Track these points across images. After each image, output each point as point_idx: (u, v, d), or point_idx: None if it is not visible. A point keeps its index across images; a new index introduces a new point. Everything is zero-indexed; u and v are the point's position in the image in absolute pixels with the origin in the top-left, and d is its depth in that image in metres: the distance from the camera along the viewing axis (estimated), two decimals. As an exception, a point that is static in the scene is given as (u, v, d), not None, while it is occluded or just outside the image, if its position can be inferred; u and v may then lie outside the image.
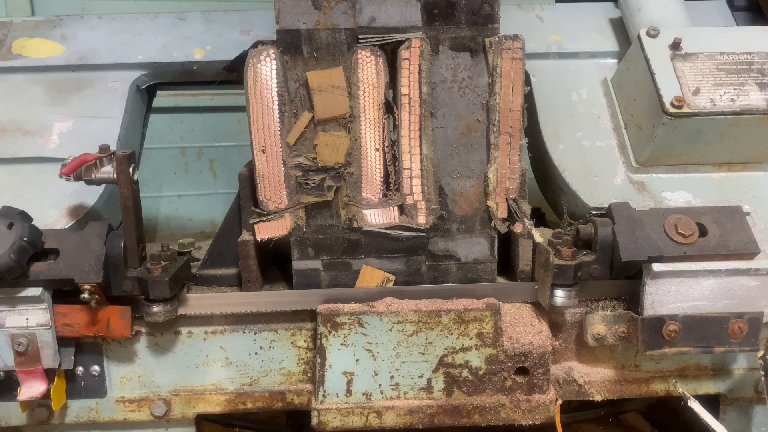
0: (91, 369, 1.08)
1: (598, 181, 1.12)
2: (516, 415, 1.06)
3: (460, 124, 1.06)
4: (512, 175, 1.06)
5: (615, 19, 1.31)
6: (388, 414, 1.06)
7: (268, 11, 1.06)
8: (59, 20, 1.29)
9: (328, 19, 1.02)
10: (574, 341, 1.10)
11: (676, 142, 1.09)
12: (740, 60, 1.11)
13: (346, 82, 1.03)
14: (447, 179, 1.07)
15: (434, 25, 1.03)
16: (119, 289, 0.99)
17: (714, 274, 0.99)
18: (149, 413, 1.11)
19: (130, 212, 0.97)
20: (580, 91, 1.22)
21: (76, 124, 1.15)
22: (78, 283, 0.96)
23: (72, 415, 1.11)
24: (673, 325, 0.99)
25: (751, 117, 1.06)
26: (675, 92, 1.06)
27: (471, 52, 1.04)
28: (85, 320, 1.00)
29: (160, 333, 1.08)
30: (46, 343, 0.99)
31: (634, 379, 1.13)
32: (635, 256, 0.98)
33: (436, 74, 1.04)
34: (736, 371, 1.14)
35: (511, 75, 1.04)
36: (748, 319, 1.00)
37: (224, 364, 1.10)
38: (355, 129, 1.04)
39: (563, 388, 1.11)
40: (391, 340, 1.03)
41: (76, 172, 0.98)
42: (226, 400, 1.12)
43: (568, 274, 0.99)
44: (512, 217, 1.07)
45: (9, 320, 0.98)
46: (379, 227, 1.06)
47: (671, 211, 1.03)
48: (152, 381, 1.10)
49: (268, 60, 1.02)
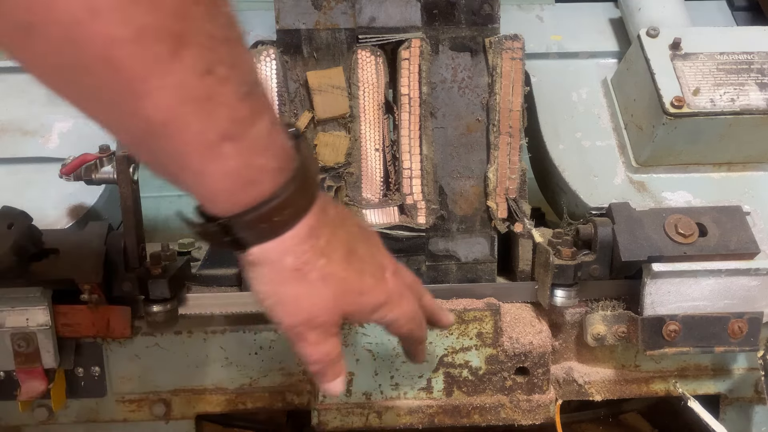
0: (91, 369, 1.08)
1: (598, 181, 1.12)
2: (516, 415, 1.07)
3: (460, 124, 1.06)
4: (512, 175, 1.06)
5: (615, 19, 1.31)
6: (388, 414, 1.06)
7: (268, 11, 1.06)
8: (59, 20, 1.29)
9: (328, 19, 1.02)
10: (574, 341, 1.10)
11: (676, 142, 1.09)
12: (740, 60, 1.11)
13: (346, 82, 1.03)
14: (447, 179, 1.07)
15: (434, 25, 1.03)
16: (119, 289, 0.99)
17: (714, 274, 0.99)
18: (149, 413, 1.11)
19: (130, 212, 0.97)
20: (580, 91, 1.22)
21: (76, 124, 1.15)
22: (78, 283, 0.96)
23: (72, 415, 1.11)
24: (673, 325, 0.99)
25: (751, 117, 1.06)
26: (675, 92, 1.06)
27: (471, 52, 1.04)
28: (85, 320, 1.00)
29: (160, 333, 1.08)
30: (46, 343, 0.98)
31: (634, 379, 1.13)
32: (635, 256, 0.98)
33: (436, 74, 1.04)
34: (736, 371, 1.14)
35: (511, 75, 1.04)
36: (748, 319, 1.00)
37: (224, 364, 1.10)
38: (355, 129, 1.04)
39: (563, 388, 1.11)
40: (391, 340, 1.03)
41: (76, 172, 0.98)
42: (226, 400, 1.12)
43: (568, 274, 0.99)
44: (512, 217, 1.07)
45: (9, 320, 0.97)
46: (379, 227, 1.06)
47: (671, 211, 1.03)
48: (152, 381, 1.10)
49: (267, 60, 1.02)
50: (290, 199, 0.59)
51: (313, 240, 0.63)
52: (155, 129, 0.50)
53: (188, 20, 0.47)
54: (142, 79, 0.47)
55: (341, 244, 0.66)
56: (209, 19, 0.49)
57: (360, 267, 0.68)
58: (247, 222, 0.58)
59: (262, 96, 0.56)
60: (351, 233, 0.69)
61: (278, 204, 0.58)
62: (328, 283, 0.65)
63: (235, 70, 0.52)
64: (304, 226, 0.62)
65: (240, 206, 0.58)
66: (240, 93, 0.52)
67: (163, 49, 0.46)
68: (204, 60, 0.49)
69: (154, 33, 0.45)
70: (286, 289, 0.64)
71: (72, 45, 0.44)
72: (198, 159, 0.53)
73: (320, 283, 0.65)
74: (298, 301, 0.65)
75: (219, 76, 0.50)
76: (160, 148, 0.52)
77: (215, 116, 0.51)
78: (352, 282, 0.67)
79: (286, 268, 0.63)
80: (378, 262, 0.72)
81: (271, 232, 0.60)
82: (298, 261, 0.63)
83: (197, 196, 0.59)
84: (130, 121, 0.51)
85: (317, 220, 0.63)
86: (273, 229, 0.60)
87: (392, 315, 0.73)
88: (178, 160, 0.53)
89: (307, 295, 0.65)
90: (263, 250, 0.61)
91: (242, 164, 0.55)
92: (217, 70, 0.50)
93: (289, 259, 0.62)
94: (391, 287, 0.72)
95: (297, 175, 0.59)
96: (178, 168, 0.54)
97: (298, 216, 0.61)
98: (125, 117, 0.51)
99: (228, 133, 0.53)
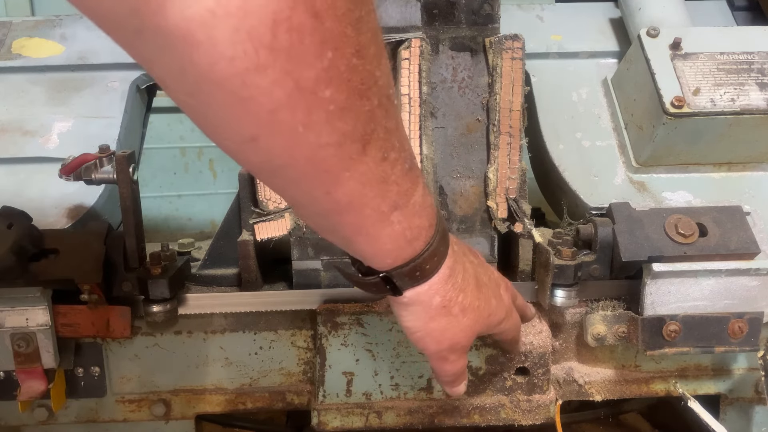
0: (91, 369, 1.08)
1: (598, 181, 1.12)
2: (516, 415, 1.06)
3: (460, 124, 1.06)
4: (512, 175, 1.06)
5: (615, 19, 1.30)
6: (388, 414, 1.06)
7: (268, 11, 1.06)
8: (59, 20, 1.29)
9: (328, 19, 1.02)
10: (574, 341, 1.10)
11: (676, 142, 1.09)
12: (740, 60, 1.11)
13: (346, 82, 1.03)
14: (447, 179, 1.07)
15: (434, 25, 1.03)
16: (119, 289, 0.99)
17: (714, 274, 0.99)
18: (149, 413, 1.11)
19: (130, 212, 0.97)
20: (580, 91, 1.22)
21: (76, 124, 1.15)
22: (78, 283, 0.96)
23: (72, 415, 1.11)
24: (673, 325, 0.99)
25: (751, 117, 1.06)
26: (675, 92, 1.06)
27: (471, 52, 1.04)
28: (85, 320, 1.00)
29: (160, 333, 1.08)
30: (46, 343, 0.98)
31: (634, 379, 1.12)
32: (635, 256, 0.98)
33: (436, 74, 1.04)
34: (736, 371, 1.14)
35: (511, 75, 1.04)
36: (748, 319, 1.00)
37: (224, 364, 1.10)
38: (355, 129, 1.04)
39: (563, 388, 1.11)
40: (391, 340, 1.03)
41: (76, 172, 0.98)
42: (226, 400, 1.12)
43: (568, 274, 0.99)
44: (512, 217, 1.06)
45: (9, 320, 0.97)
46: (379, 227, 1.06)
47: (671, 211, 1.03)
48: (152, 381, 1.10)
49: (268, 60, 1.02)
50: (436, 248, 0.71)
51: (453, 279, 0.75)
52: (341, 207, 0.61)
53: (375, 122, 0.57)
54: (337, 171, 0.57)
55: (471, 276, 0.78)
56: (387, 117, 0.59)
57: (486, 293, 0.81)
58: (405, 272, 0.70)
59: (417, 168, 0.68)
60: (473, 263, 0.81)
61: (429, 254, 0.70)
62: (467, 313, 0.78)
63: (401, 153, 0.63)
64: (446, 268, 0.74)
65: (400, 260, 0.70)
66: (404, 169, 0.63)
67: (356, 148, 0.57)
68: (382, 150, 0.59)
69: (352, 136, 0.56)
70: (435, 323, 0.76)
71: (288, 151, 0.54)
72: (372, 227, 0.64)
73: (461, 314, 0.77)
74: (444, 333, 0.77)
75: (391, 160, 0.61)
76: (341, 221, 0.63)
77: (388, 192, 0.62)
78: (484, 308, 0.80)
79: (435, 306, 0.75)
80: (495, 282, 0.86)
81: (423, 277, 0.72)
82: (444, 299, 0.75)
83: (365, 255, 0.70)
84: (321, 202, 0.61)
85: (453, 260, 0.75)
86: (424, 275, 0.72)
87: (507, 326, 0.88)
88: (356, 229, 0.64)
89: (451, 327, 0.77)
90: (416, 293, 0.73)
91: (406, 227, 0.67)
92: (390, 156, 0.61)
93: (437, 299, 0.74)
94: (507, 302, 0.87)
95: (438, 228, 0.71)
96: (353, 235, 0.66)
97: (441, 261, 0.73)
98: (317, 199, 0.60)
99: (397, 204, 0.64)
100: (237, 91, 0.49)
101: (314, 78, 0.50)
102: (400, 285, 0.72)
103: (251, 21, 0.46)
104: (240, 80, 0.48)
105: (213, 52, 0.47)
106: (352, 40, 0.51)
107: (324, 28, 0.49)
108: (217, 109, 0.51)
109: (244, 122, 0.51)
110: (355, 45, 0.52)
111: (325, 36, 0.49)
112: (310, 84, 0.50)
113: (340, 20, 0.50)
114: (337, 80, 0.52)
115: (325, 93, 0.52)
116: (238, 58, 0.47)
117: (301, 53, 0.49)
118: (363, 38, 0.53)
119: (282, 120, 0.51)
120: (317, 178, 0.57)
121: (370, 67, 0.55)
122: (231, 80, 0.48)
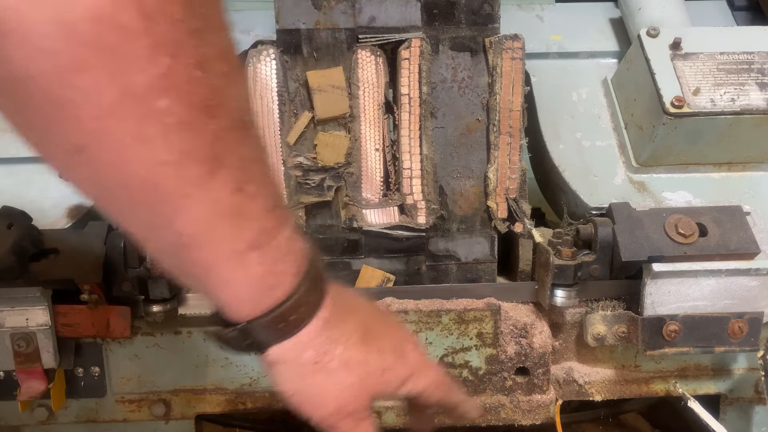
0: (91, 369, 1.08)
1: (598, 181, 1.12)
2: (516, 415, 1.07)
3: (460, 124, 1.06)
4: (512, 175, 1.06)
5: (615, 19, 1.30)
6: (388, 414, 1.06)
7: (268, 11, 1.06)
8: (59, 20, 1.29)
9: (328, 19, 1.02)
10: (574, 341, 1.10)
11: (676, 142, 1.09)
12: (740, 60, 1.11)
13: (346, 82, 1.03)
14: (447, 179, 1.07)
15: (434, 25, 1.03)
16: (119, 289, 0.99)
17: (714, 274, 0.99)
18: (149, 413, 1.11)
19: (130, 212, 0.97)
20: (580, 91, 1.22)
21: (76, 124, 1.15)
22: (78, 283, 0.96)
23: (72, 415, 1.11)
24: (673, 325, 0.99)
25: (751, 117, 1.06)
26: (675, 92, 1.06)
27: (471, 52, 1.04)
28: (85, 320, 1.00)
29: (160, 333, 1.08)
30: (46, 343, 0.98)
31: (634, 379, 1.12)
32: (635, 256, 0.98)
33: (436, 74, 1.04)
34: (736, 371, 1.14)
35: (511, 75, 1.04)
36: (748, 319, 1.00)
37: (224, 364, 1.10)
38: (355, 129, 1.04)
39: (563, 388, 1.11)
40: (391, 340, 1.03)
41: (76, 172, 0.98)
42: (226, 400, 1.11)
43: (568, 274, 0.99)
44: (512, 217, 1.07)
45: (9, 320, 0.97)
46: (379, 227, 1.06)
47: (671, 211, 1.03)
48: (152, 381, 1.10)
49: (268, 60, 1.02)
50: (303, 297, 0.62)
51: (328, 332, 0.65)
52: (186, 240, 0.54)
53: (225, 145, 0.52)
54: (179, 196, 0.51)
55: (356, 328, 0.67)
56: (242, 143, 0.54)
57: (378, 346, 0.69)
58: (266, 323, 0.61)
59: (285, 208, 0.61)
60: (366, 316, 0.71)
61: (293, 303, 0.61)
62: (350, 368, 0.66)
63: (264, 188, 0.57)
64: (319, 320, 0.64)
65: (260, 310, 0.61)
66: (267, 206, 0.57)
67: (201, 171, 0.51)
68: (236, 179, 0.53)
69: (195, 156, 0.50)
70: (310, 383, 0.65)
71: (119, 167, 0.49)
72: (225, 267, 0.57)
73: (342, 370, 0.66)
74: (323, 394, 0.66)
75: (249, 193, 0.55)
76: (188, 257, 0.56)
77: (245, 229, 0.56)
78: (373, 362, 0.68)
79: (306, 363, 0.64)
80: (397, 337, 0.72)
81: (288, 331, 0.63)
82: (318, 353, 0.64)
83: (220, 302, 0.61)
84: (163, 233, 0.54)
85: (330, 312, 0.65)
86: (289, 328, 0.63)
87: (420, 385, 0.72)
88: (206, 268, 0.57)
89: (331, 386, 0.66)
90: (282, 349, 0.64)
91: (266, 271, 0.59)
92: (247, 188, 0.54)
93: (309, 353, 0.64)
94: (413, 359, 0.72)
95: (308, 276, 0.63)
96: (204, 275, 0.58)
97: (312, 312, 0.64)
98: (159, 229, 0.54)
99: (255, 243, 0.57)
100: (56, 91, 0.44)
101: (147, 84, 0.46)
102: (262, 340, 0.63)
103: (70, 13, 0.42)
104: (58, 79, 0.44)
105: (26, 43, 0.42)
106: (192, 50, 0.47)
107: (157, 31, 0.45)
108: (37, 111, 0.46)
109: (67, 130, 0.47)
110: (196, 56, 0.48)
111: (158, 39, 0.45)
112: (141, 91, 0.46)
113: (177, 26, 0.46)
114: (175, 91, 0.47)
115: (161, 103, 0.47)
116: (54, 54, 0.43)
117: (129, 55, 0.45)
118: (207, 51, 0.48)
119: (109, 129, 0.47)
120: (157, 203, 0.51)
121: (219, 84, 0.50)
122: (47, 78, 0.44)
